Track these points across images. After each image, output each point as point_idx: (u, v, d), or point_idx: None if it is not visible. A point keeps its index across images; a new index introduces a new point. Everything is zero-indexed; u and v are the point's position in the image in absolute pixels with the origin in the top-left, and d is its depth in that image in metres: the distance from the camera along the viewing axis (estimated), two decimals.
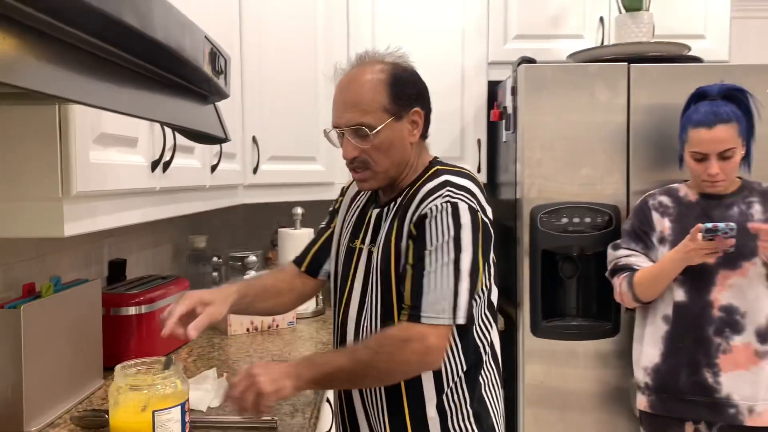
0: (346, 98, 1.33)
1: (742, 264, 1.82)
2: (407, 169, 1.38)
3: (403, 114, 1.33)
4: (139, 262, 2.28)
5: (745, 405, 1.81)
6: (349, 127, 1.31)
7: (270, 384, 1.18)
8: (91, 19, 0.62)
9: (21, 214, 1.07)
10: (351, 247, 1.43)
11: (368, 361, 1.23)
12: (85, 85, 0.69)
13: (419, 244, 1.26)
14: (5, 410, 1.32)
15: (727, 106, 1.82)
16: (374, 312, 1.34)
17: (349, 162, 1.35)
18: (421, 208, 1.27)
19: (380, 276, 1.32)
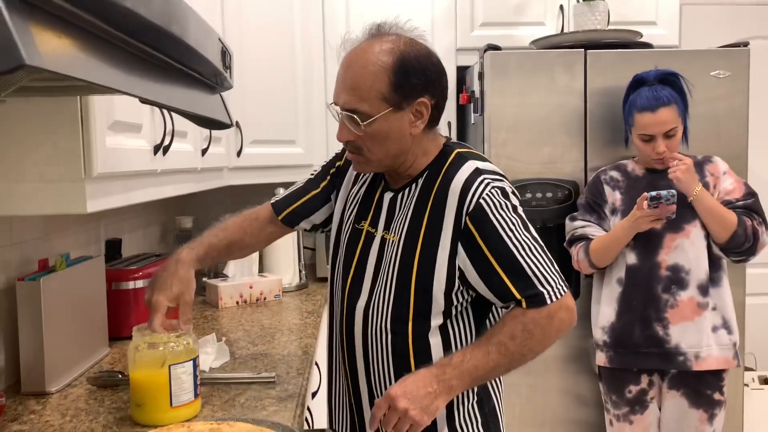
0: (346, 77, 1.24)
1: (685, 227, 2.04)
2: (409, 158, 1.29)
3: (404, 105, 1.22)
4: (131, 241, 2.41)
5: (692, 352, 2.04)
6: (344, 110, 1.24)
7: (422, 414, 1.15)
8: (136, 25, 0.77)
9: (48, 193, 1.21)
10: (357, 228, 1.37)
11: (521, 350, 1.20)
12: (124, 77, 0.83)
13: (490, 236, 1.20)
14: (29, 373, 1.47)
15: (664, 89, 2.02)
16: (386, 304, 1.28)
17: (344, 144, 1.31)
18: (469, 201, 1.21)
19: (399, 267, 1.26)
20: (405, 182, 1.32)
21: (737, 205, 2.05)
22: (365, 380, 1.34)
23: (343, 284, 1.37)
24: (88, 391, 1.50)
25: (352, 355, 1.36)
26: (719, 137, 2.38)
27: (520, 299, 1.21)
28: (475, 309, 1.31)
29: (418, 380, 1.18)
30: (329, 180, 1.50)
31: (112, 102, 1.30)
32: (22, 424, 1.33)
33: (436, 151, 1.32)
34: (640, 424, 2.13)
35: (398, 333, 1.28)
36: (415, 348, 1.27)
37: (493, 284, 1.22)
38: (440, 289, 1.24)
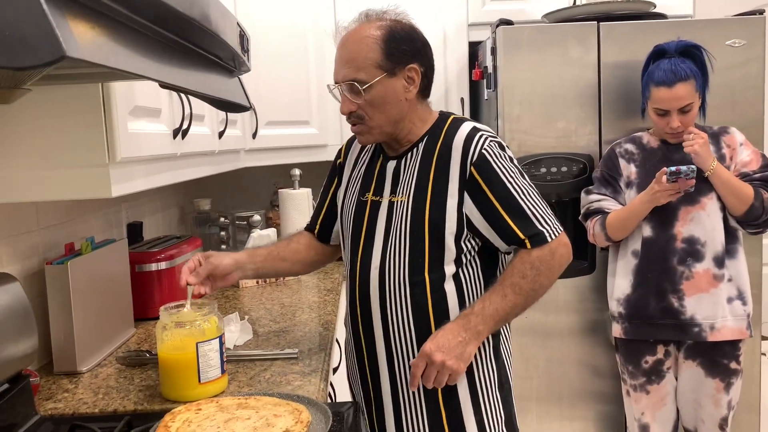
0: (342, 55, 1.38)
1: (701, 199, 2.04)
2: (407, 124, 1.41)
3: (397, 70, 1.36)
4: (151, 224, 2.46)
5: (707, 323, 2.05)
6: (344, 82, 1.37)
7: (458, 362, 1.30)
8: (160, 12, 0.79)
9: (73, 179, 1.24)
10: (362, 201, 1.47)
11: (532, 286, 1.34)
12: (150, 63, 0.85)
13: (493, 182, 1.33)
14: (61, 353, 1.51)
15: (684, 63, 2.00)
16: (402, 258, 1.38)
17: (347, 117, 1.41)
18: (472, 153, 1.34)
19: (411, 221, 1.37)
20: (405, 149, 1.44)
21: (754, 177, 2.05)
22: (383, 340, 1.42)
23: (354, 253, 1.46)
24: (117, 370, 1.54)
25: (368, 319, 1.44)
26: (735, 107, 2.37)
27: (523, 239, 1.34)
28: (483, 258, 1.42)
29: (447, 333, 1.31)
30: (336, 180, 1.61)
31: (132, 88, 1.33)
32: (57, 402, 1.37)
33: (432, 119, 1.45)
34: (656, 394, 2.15)
35: (416, 283, 1.38)
36: (433, 297, 1.38)
37: (497, 226, 1.35)
38: (451, 235, 1.36)
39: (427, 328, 1.38)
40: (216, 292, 1.84)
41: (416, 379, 1.33)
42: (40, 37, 0.49)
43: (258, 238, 2.44)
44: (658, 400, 2.16)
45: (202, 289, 1.44)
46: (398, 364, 1.42)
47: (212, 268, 1.45)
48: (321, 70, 2.76)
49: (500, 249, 1.41)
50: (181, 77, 0.96)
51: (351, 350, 1.53)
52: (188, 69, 1.01)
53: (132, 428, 1.18)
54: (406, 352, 1.40)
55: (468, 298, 1.40)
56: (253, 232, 2.45)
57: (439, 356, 1.29)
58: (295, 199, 2.61)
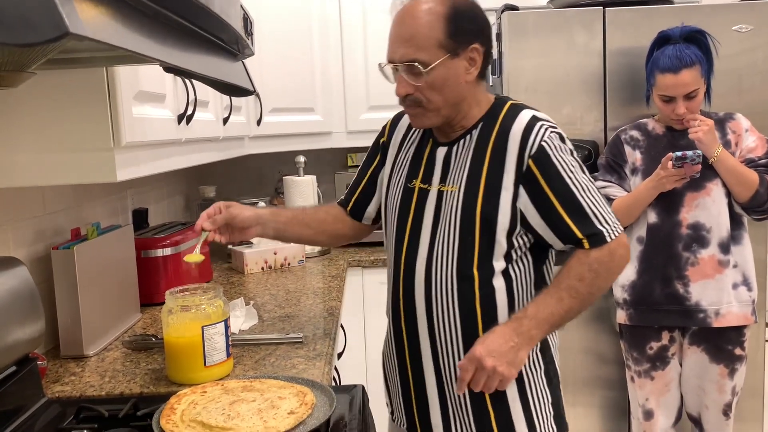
0: (401, 32, 1.27)
1: (706, 185, 2.03)
2: (464, 108, 1.32)
3: (459, 51, 1.26)
4: (156, 211, 2.46)
5: (712, 309, 2.05)
6: (403, 62, 1.26)
7: (509, 368, 1.22)
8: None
9: (79, 163, 1.24)
10: (409, 187, 1.39)
11: (590, 290, 1.26)
12: (153, 44, 0.85)
13: (552, 177, 1.25)
14: (68, 338, 1.53)
15: (689, 49, 1.99)
16: (450, 251, 1.31)
17: (402, 99, 1.32)
18: (531, 145, 1.26)
19: (462, 214, 1.30)
20: (458, 135, 1.35)
21: (759, 164, 2.04)
22: (427, 335, 1.35)
23: (399, 242, 1.39)
24: (124, 354, 1.56)
25: (411, 312, 1.36)
26: (741, 93, 2.35)
27: (581, 238, 1.26)
28: (534, 254, 1.34)
29: (498, 337, 1.23)
30: (378, 159, 1.53)
31: (137, 72, 1.33)
32: (64, 385, 1.39)
33: (487, 103, 1.36)
34: (661, 380, 2.16)
35: (465, 278, 1.30)
36: (481, 293, 1.30)
37: (554, 224, 1.27)
38: (503, 231, 1.28)
39: (474, 324, 1.31)
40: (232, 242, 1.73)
41: (464, 384, 1.24)
42: (43, 14, 0.49)
43: None
44: (663, 386, 2.16)
45: (218, 236, 1.42)
46: (443, 360, 1.35)
47: (231, 218, 1.42)
48: (325, 56, 2.76)
49: (554, 247, 1.33)
50: (184, 59, 0.96)
51: (391, 343, 1.45)
52: (191, 51, 1.01)
53: (138, 410, 1.19)
54: (452, 348, 1.33)
55: (517, 295, 1.33)
56: None
57: (490, 361, 1.21)
58: (300, 186, 2.62)
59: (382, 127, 1.55)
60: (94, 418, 1.18)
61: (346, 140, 2.84)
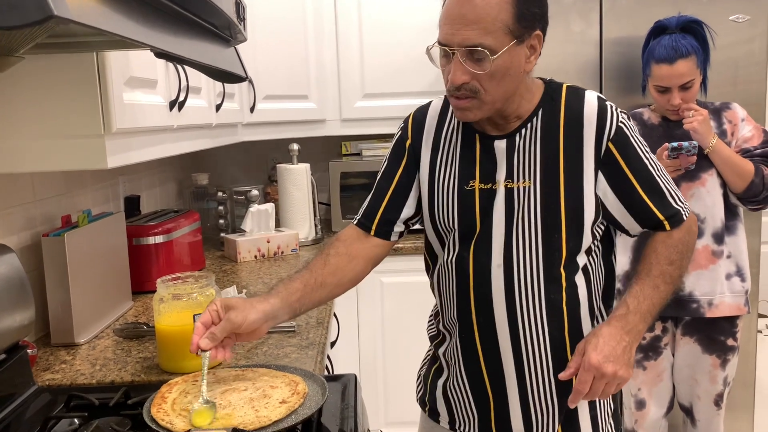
0: (465, 12, 1.11)
1: (701, 176, 2.03)
2: (517, 98, 1.21)
3: (525, 37, 1.14)
4: (149, 198, 2.45)
5: (705, 299, 2.06)
6: (465, 47, 1.12)
7: (628, 369, 1.14)
8: None
9: (69, 149, 1.23)
10: (467, 190, 1.25)
11: (680, 272, 1.23)
12: (143, 29, 0.84)
13: (632, 158, 1.21)
14: (58, 326, 1.51)
15: (685, 39, 1.98)
16: (532, 256, 1.21)
17: (455, 88, 1.16)
18: (609, 127, 1.20)
19: (541, 214, 1.20)
20: (515, 125, 1.24)
21: (755, 153, 2.03)
22: (509, 344, 1.24)
23: (463, 249, 1.26)
24: (115, 342, 1.55)
25: (489, 324, 1.25)
26: (737, 83, 2.35)
27: (662, 220, 1.23)
28: (603, 245, 1.29)
29: (609, 339, 1.14)
30: (405, 162, 1.33)
31: (128, 58, 1.31)
32: (54, 373, 1.38)
33: (539, 90, 1.26)
34: (653, 370, 2.16)
35: (552, 279, 1.21)
36: (568, 293, 1.23)
37: (635, 208, 1.23)
38: (590, 222, 1.22)
39: (560, 326, 1.23)
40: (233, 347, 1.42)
41: (580, 396, 1.14)
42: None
43: (256, 213, 2.44)
44: (655, 376, 2.17)
45: (220, 354, 1.12)
46: (528, 368, 1.24)
47: (234, 328, 1.11)
48: (320, 43, 2.73)
49: (630, 233, 1.27)
50: (175, 45, 0.94)
51: (457, 354, 1.31)
52: (183, 37, 1.00)
53: (129, 399, 1.18)
54: (539, 353, 1.24)
55: (594, 290, 1.26)
56: (251, 207, 2.45)
57: (611, 367, 1.11)
58: (293, 174, 2.60)
59: (402, 129, 1.35)
60: (84, 406, 1.17)
61: (341, 128, 2.83)
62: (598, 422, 1.30)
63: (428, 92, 2.70)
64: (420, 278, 1.51)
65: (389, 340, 2.56)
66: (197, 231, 2.22)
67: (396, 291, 2.55)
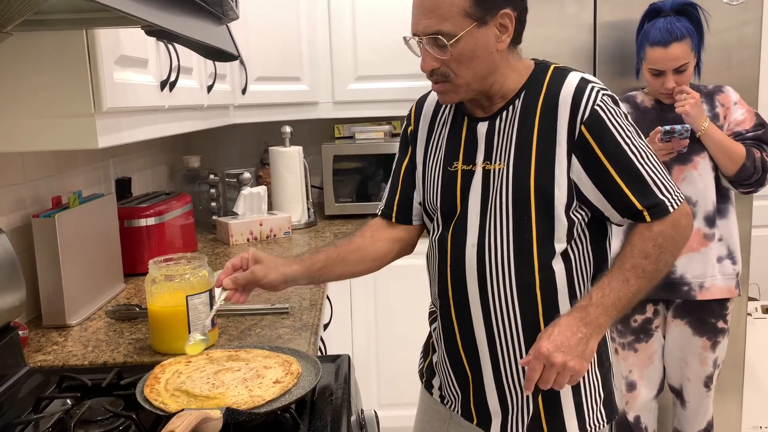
0: (422, 3, 1.17)
1: (693, 158, 2.03)
2: (499, 78, 1.22)
3: (488, 18, 1.15)
4: (140, 180, 2.43)
5: (696, 282, 2.07)
6: (426, 35, 1.16)
7: (581, 361, 1.11)
8: None
9: (59, 129, 1.21)
10: (450, 171, 1.28)
11: (656, 266, 1.17)
12: (134, 2, 0.83)
13: (607, 143, 1.17)
14: (49, 307, 1.51)
15: (679, 21, 1.97)
16: (504, 235, 1.22)
17: (429, 74, 1.22)
18: (583, 109, 1.17)
19: (513, 193, 1.20)
20: (499, 107, 1.25)
21: (747, 137, 2.04)
22: (482, 325, 1.26)
23: (444, 230, 1.29)
24: (107, 324, 1.54)
25: (463, 303, 1.27)
26: (731, 67, 2.34)
27: (641, 210, 1.18)
28: (591, 231, 1.25)
29: (564, 330, 1.12)
30: (410, 149, 1.39)
31: (118, 36, 1.29)
32: (46, 354, 1.37)
33: (527, 70, 1.25)
34: (644, 352, 2.18)
35: (522, 263, 1.21)
36: (541, 276, 1.21)
37: (612, 195, 1.18)
38: (561, 206, 1.19)
39: (534, 310, 1.22)
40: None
41: (532, 383, 1.13)
42: None
43: (248, 196, 2.43)
44: (646, 358, 2.18)
45: (238, 296, 1.24)
46: (501, 351, 1.26)
47: (255, 281, 1.24)
48: (313, 25, 2.71)
49: (612, 221, 1.24)
50: (166, 19, 0.93)
51: (440, 331, 1.34)
52: (174, 12, 0.98)
53: (122, 380, 1.18)
54: (511, 337, 1.24)
55: (576, 277, 1.24)
56: (243, 190, 2.43)
57: (560, 357, 1.10)
58: (286, 157, 2.59)
59: (407, 116, 1.42)
60: (76, 387, 1.17)
61: (333, 111, 2.81)
62: (584, 409, 1.28)
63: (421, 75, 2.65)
64: (413, 261, 1.51)
65: (382, 322, 2.57)
66: (189, 213, 2.21)
67: (389, 274, 2.54)
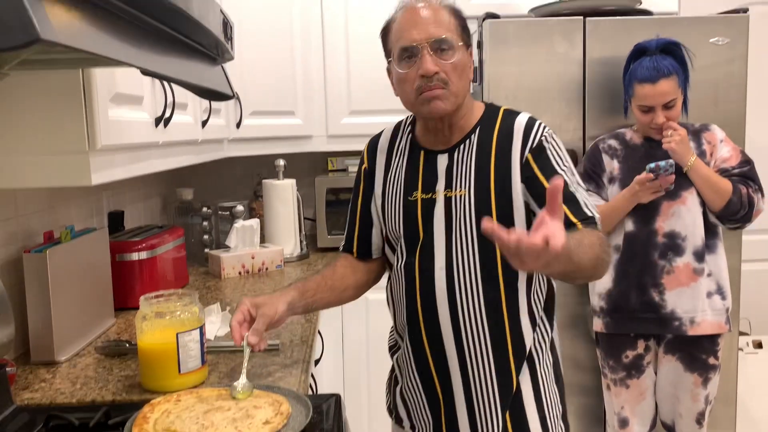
0: (426, 15, 1.31)
1: (681, 194, 2.06)
2: (465, 107, 1.37)
3: (468, 44, 1.35)
4: (133, 213, 2.43)
5: (687, 317, 2.08)
6: (432, 39, 1.29)
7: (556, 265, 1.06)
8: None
9: (53, 166, 1.22)
10: (410, 200, 1.39)
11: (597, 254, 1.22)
12: (129, 49, 0.84)
13: (547, 170, 1.31)
14: (38, 343, 1.50)
15: (665, 60, 2.02)
16: (471, 257, 1.33)
17: (428, 79, 1.30)
18: (532, 140, 1.32)
19: (476, 216, 1.31)
20: (456, 140, 1.39)
21: (733, 173, 2.07)
22: (453, 342, 1.35)
23: (410, 255, 1.38)
24: (96, 360, 1.53)
25: (433, 322, 1.36)
26: (717, 104, 2.39)
27: (575, 222, 1.29)
28: None
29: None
30: (365, 187, 1.50)
31: (114, 74, 1.31)
32: (34, 392, 1.36)
33: (480, 110, 1.41)
34: (636, 389, 2.17)
35: (489, 282, 1.33)
36: (506, 291, 1.33)
37: None
38: (521, 225, 1.32)
39: (502, 327, 1.33)
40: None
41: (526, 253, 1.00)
42: (13, 19, 0.48)
43: (241, 229, 2.43)
44: (638, 394, 2.18)
45: (261, 343, 1.28)
46: (471, 367, 1.35)
47: (271, 323, 1.30)
48: (307, 60, 2.75)
49: None
50: (161, 64, 0.94)
51: (408, 357, 1.42)
52: (169, 56, 1.00)
53: (110, 419, 1.17)
54: (480, 350, 1.34)
55: (534, 295, 1.36)
56: (236, 223, 2.44)
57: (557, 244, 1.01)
58: (279, 190, 2.60)
59: (361, 156, 1.53)
60: (64, 426, 1.16)
61: (327, 144, 2.83)
62: (548, 423, 1.38)
63: None
64: None
65: (374, 357, 2.55)
66: (181, 247, 2.21)
67: (381, 307, 2.54)
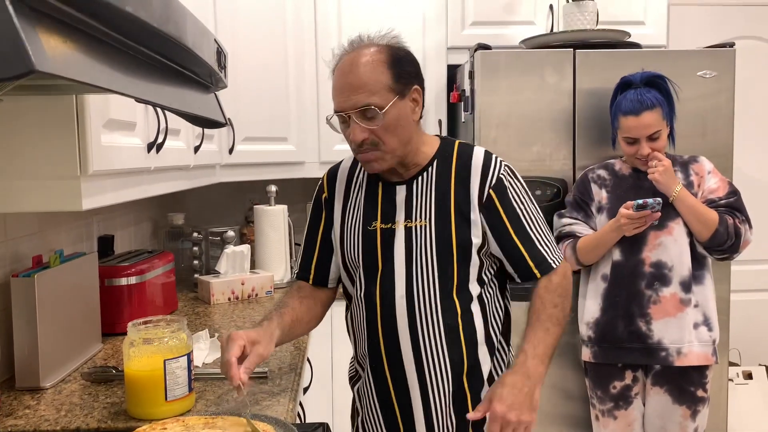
0: (350, 81, 1.32)
1: (668, 224, 2.08)
2: (414, 147, 1.40)
3: (405, 92, 1.35)
4: (123, 238, 2.42)
5: (674, 348, 2.08)
6: (357, 109, 1.31)
7: (531, 413, 1.27)
8: (136, 28, 0.79)
9: (44, 191, 1.22)
10: (369, 230, 1.42)
11: (564, 313, 1.39)
12: (124, 79, 0.85)
13: (508, 207, 1.39)
14: (24, 368, 1.48)
15: (650, 92, 2.06)
16: (431, 284, 1.38)
17: (358, 146, 1.35)
18: (491, 176, 1.39)
19: (436, 248, 1.37)
20: (414, 172, 1.43)
21: (720, 204, 2.09)
22: (414, 368, 1.39)
23: (371, 284, 1.42)
24: (82, 386, 1.51)
25: (395, 349, 1.40)
26: (705, 136, 2.42)
27: (532, 267, 1.40)
28: (498, 281, 1.46)
29: (511, 389, 1.28)
30: (325, 215, 1.53)
31: (107, 100, 1.32)
32: (17, 419, 1.34)
33: (435, 142, 1.46)
34: (624, 420, 2.17)
35: (447, 308, 1.38)
36: (463, 319, 1.39)
37: (508, 251, 1.40)
38: (476, 249, 1.38)
39: (459, 350, 1.39)
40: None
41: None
42: (8, 49, 0.49)
43: (231, 254, 2.42)
44: (626, 425, 2.17)
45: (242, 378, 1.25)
46: (432, 390, 1.40)
47: (261, 360, 1.29)
48: (300, 86, 2.77)
49: (513, 275, 1.44)
50: (155, 93, 0.95)
51: (369, 385, 1.46)
52: (163, 84, 1.01)
53: None
54: (440, 376, 1.39)
55: (491, 320, 1.43)
56: (227, 248, 2.43)
57: (513, 415, 1.25)
58: (271, 216, 2.60)
59: (319, 186, 1.57)
60: None
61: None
62: None
63: None
64: None
65: None
66: (171, 272, 2.20)
67: None
